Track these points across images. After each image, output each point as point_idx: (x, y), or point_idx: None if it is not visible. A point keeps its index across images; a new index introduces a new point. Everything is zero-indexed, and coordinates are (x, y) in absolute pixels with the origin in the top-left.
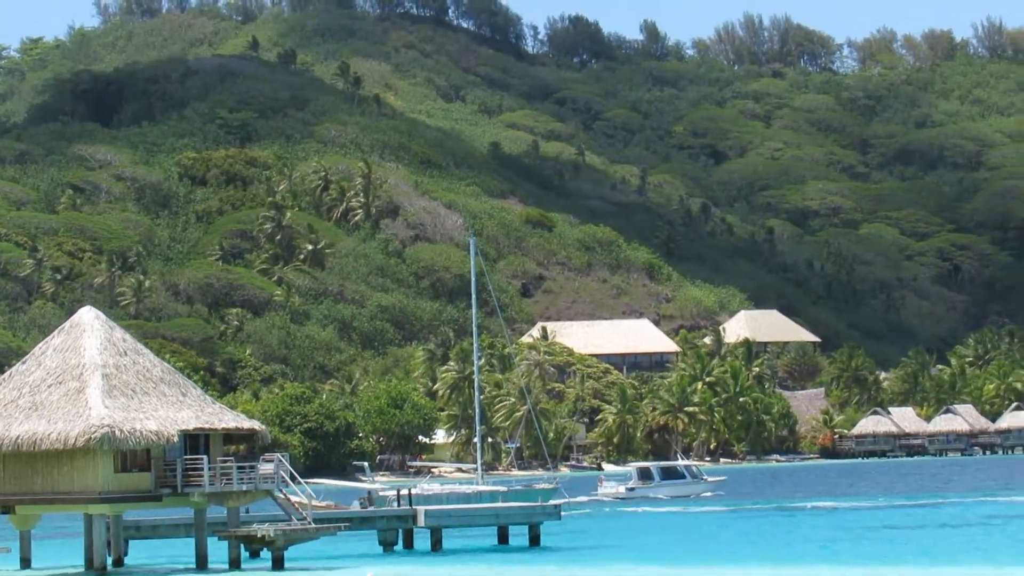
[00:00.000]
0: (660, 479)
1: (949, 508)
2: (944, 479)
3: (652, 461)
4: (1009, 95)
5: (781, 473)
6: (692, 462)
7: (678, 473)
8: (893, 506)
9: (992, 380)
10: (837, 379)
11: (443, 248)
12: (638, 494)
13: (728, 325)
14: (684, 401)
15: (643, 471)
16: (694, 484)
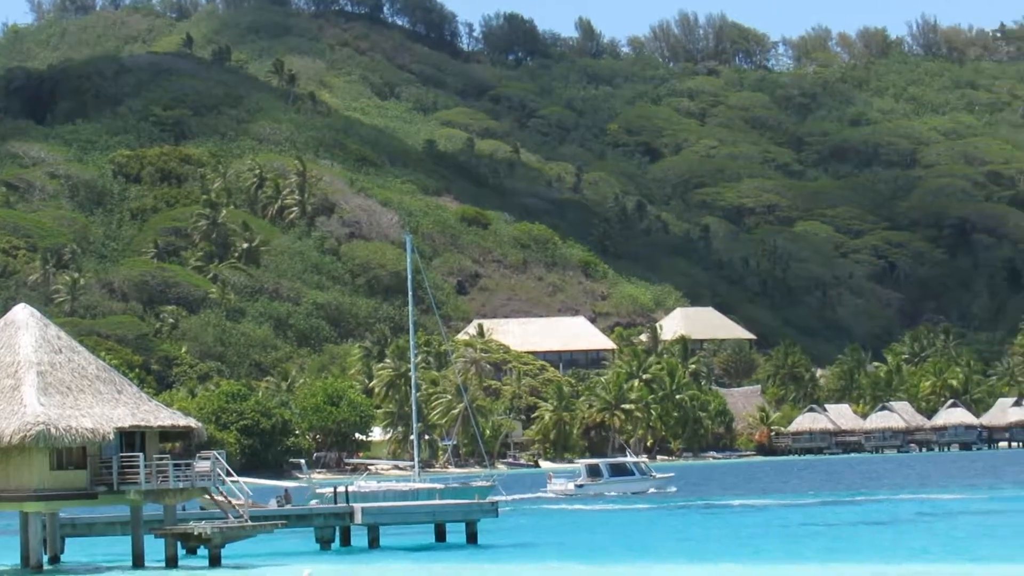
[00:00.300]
0: (609, 476)
1: (878, 505)
2: (877, 476)
3: (601, 458)
4: (943, 93)
5: (720, 470)
6: (641, 459)
7: (627, 470)
8: (830, 503)
9: (928, 377)
10: (773, 376)
11: (379, 246)
12: (587, 491)
13: (664, 322)
14: (620, 398)
15: (592, 468)
16: (643, 481)
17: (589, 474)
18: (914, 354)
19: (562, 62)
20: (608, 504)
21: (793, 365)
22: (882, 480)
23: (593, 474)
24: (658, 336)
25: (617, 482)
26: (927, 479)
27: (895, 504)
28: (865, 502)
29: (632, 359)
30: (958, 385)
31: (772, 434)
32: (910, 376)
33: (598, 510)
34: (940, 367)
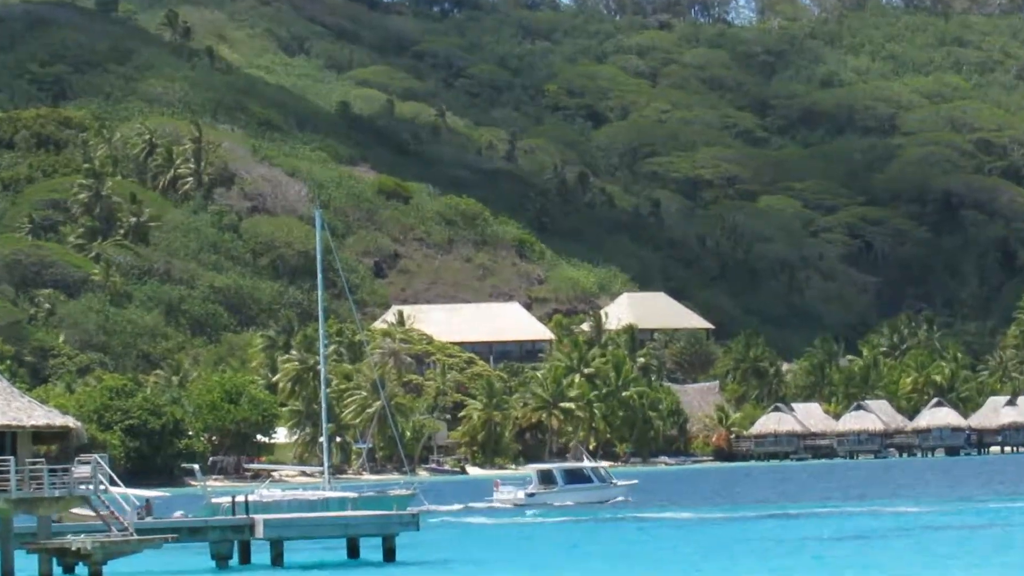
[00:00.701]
0: (564, 483)
1: (855, 519)
2: (848, 484)
3: (551, 462)
4: (927, 51)
5: (673, 478)
6: (601, 463)
7: (584, 476)
8: (794, 515)
9: (909, 372)
10: (733, 371)
11: (285, 221)
12: (538, 500)
13: (609, 309)
14: (559, 396)
15: (545, 474)
16: (603, 489)
17: (541, 481)
18: (893, 346)
19: (494, 14)
20: (561, 516)
21: (756, 358)
22: (851, 489)
23: (546, 481)
24: (602, 325)
25: (574, 491)
26: (901, 489)
27: (857, 517)
28: (846, 514)
29: (573, 351)
30: (944, 382)
31: (732, 437)
32: (889, 371)
33: (550, 523)
34: (923, 361)
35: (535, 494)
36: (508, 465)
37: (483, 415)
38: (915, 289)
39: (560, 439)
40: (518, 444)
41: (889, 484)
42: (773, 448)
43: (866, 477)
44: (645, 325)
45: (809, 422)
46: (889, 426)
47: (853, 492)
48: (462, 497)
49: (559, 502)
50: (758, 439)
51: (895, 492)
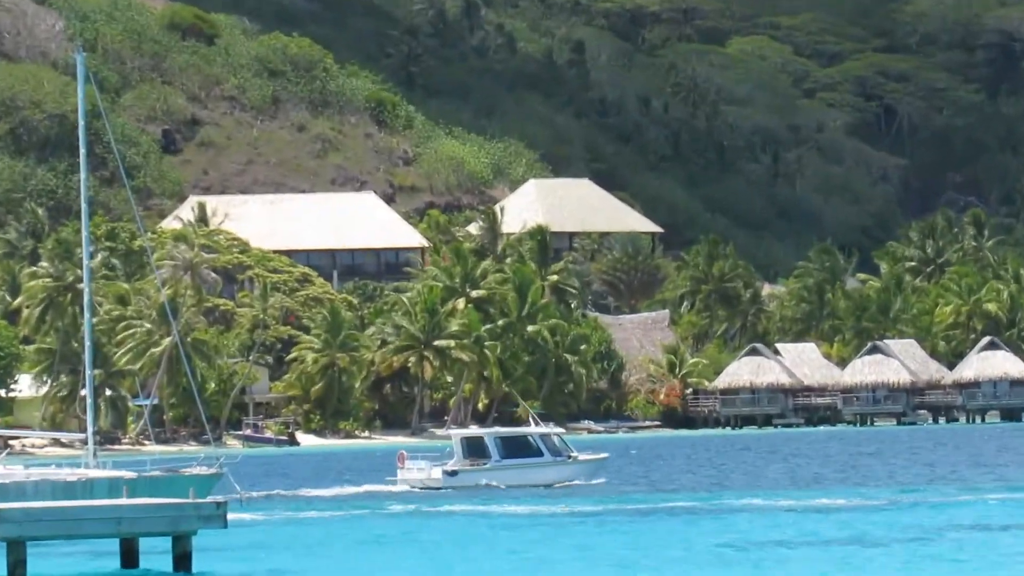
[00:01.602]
0: (500, 456)
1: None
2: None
3: (487, 427)
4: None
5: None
6: (555, 429)
7: (530, 447)
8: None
9: (949, 299)
10: (691, 296)
11: (31, 71)
12: (463, 481)
13: (508, 203)
14: (435, 331)
15: (472, 445)
16: (556, 466)
17: (468, 454)
18: (926, 260)
19: None
20: (493, 503)
21: (724, 277)
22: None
23: (474, 454)
24: (498, 226)
25: (514, 467)
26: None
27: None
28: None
29: (455, 265)
30: (1000, 312)
31: (688, 392)
32: (919, 297)
33: (473, 515)
34: (970, 283)
35: (458, 472)
36: (358, 432)
37: (322, 359)
38: (958, 176)
39: (435, 395)
40: (373, 402)
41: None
42: (749, 410)
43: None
44: (561, 227)
45: (802, 371)
46: (919, 377)
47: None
48: (330, 476)
49: (493, 483)
50: (727, 396)
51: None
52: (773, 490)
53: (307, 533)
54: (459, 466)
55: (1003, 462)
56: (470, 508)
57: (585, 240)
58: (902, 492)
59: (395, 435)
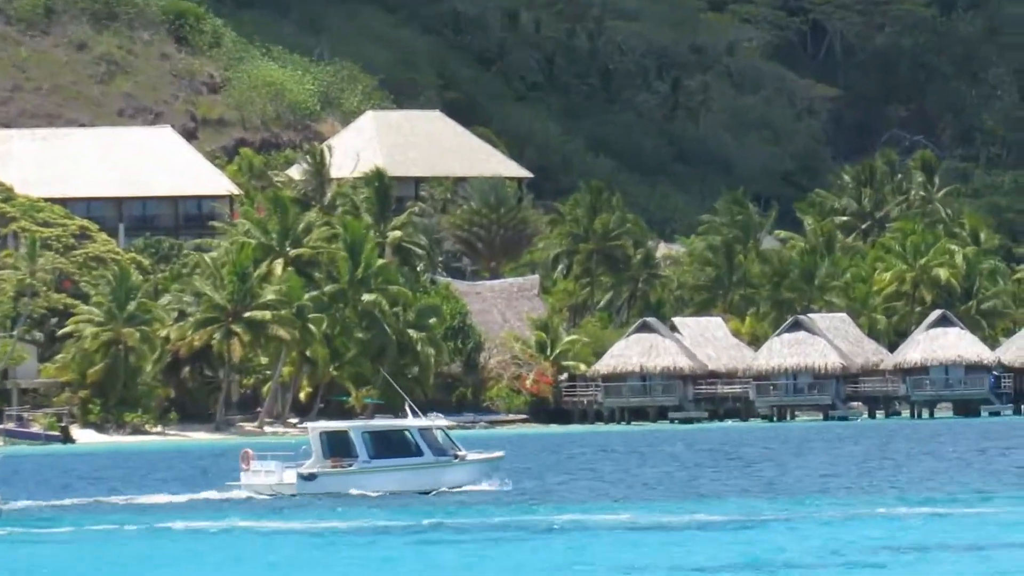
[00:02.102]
0: (369, 455)
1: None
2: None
3: (354, 419)
4: None
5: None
6: (437, 422)
7: (406, 445)
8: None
9: (890, 262)
10: (567, 257)
11: None
12: (322, 486)
13: (340, 141)
14: (246, 300)
15: (333, 439)
16: (439, 467)
17: (330, 452)
18: (862, 214)
19: None
20: (355, 517)
21: (608, 235)
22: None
23: (337, 451)
24: (326, 170)
25: (386, 469)
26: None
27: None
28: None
29: (271, 217)
30: (954, 280)
31: (562, 378)
32: (853, 261)
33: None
34: (917, 242)
35: (316, 475)
36: (149, 426)
37: (105, 334)
38: (903, 110)
39: (246, 380)
40: (168, 389)
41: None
42: (638, 400)
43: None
44: (406, 171)
45: (705, 353)
46: (852, 361)
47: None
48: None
49: (360, 489)
50: (611, 383)
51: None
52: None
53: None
54: (318, 468)
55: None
56: (308, 524)
57: (436, 187)
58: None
59: (195, 430)
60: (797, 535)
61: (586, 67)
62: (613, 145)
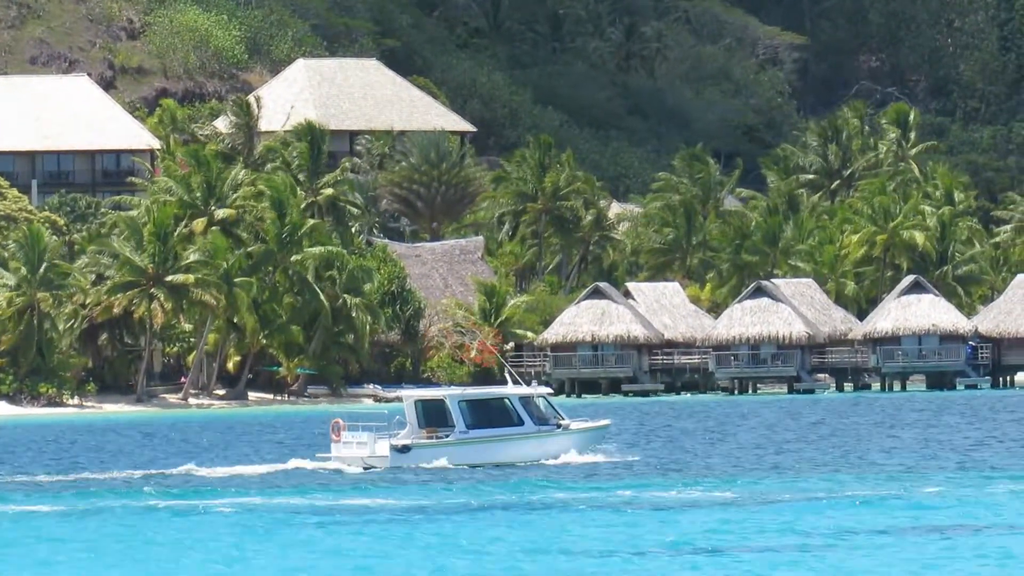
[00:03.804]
0: (467, 425)
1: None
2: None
3: (448, 386)
4: None
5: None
6: (539, 389)
7: (506, 413)
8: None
9: (860, 224)
10: (513, 217)
11: None
12: (417, 459)
13: (269, 92)
14: (168, 262)
15: (429, 409)
16: (540, 437)
17: (425, 422)
18: (829, 172)
19: None
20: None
21: (558, 193)
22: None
23: (432, 421)
24: (254, 122)
25: (485, 440)
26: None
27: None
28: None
29: (195, 174)
30: (929, 244)
31: (508, 348)
32: (820, 222)
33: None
34: (888, 203)
35: (409, 448)
36: (65, 398)
37: (17, 300)
38: (874, 59)
39: (169, 349)
40: (85, 358)
41: None
42: (589, 370)
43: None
44: (340, 124)
45: (662, 321)
46: (818, 330)
47: None
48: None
49: (456, 462)
50: (560, 353)
51: None
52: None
53: None
54: (411, 439)
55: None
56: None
57: (372, 142)
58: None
59: (115, 402)
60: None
61: (533, 12)
62: (562, 97)
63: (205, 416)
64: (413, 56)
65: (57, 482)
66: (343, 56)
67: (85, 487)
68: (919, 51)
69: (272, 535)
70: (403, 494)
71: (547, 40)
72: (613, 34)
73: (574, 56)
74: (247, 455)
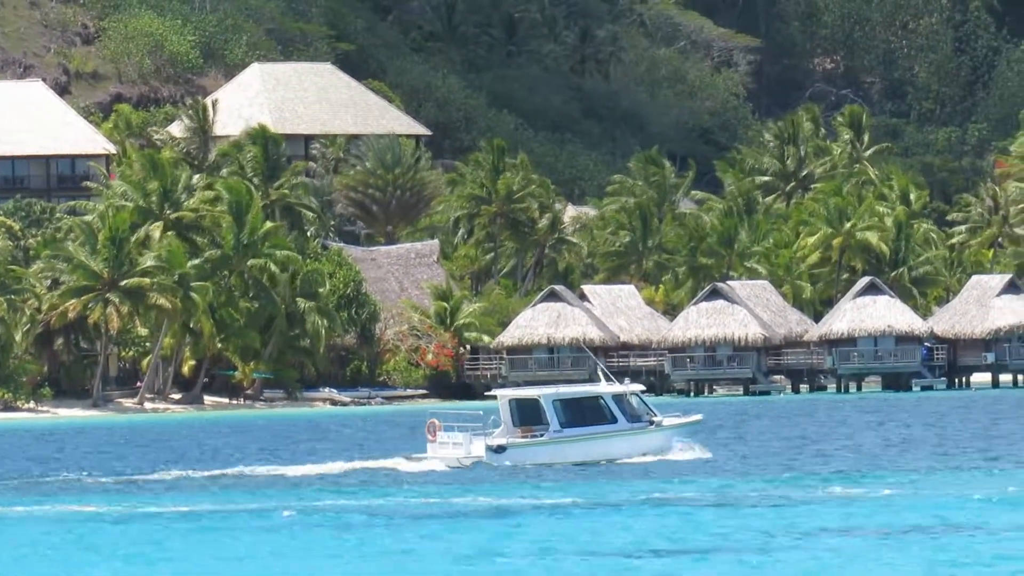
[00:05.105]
0: (561, 423)
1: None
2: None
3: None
4: None
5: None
6: (631, 387)
7: (599, 411)
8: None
9: (816, 226)
10: (468, 221)
11: None
12: (513, 457)
13: (224, 96)
14: (124, 267)
15: (524, 408)
16: (636, 433)
17: (520, 421)
18: (785, 174)
19: None
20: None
21: (513, 196)
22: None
23: (527, 420)
24: (210, 127)
25: (580, 439)
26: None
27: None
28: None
29: (151, 179)
30: (884, 245)
31: (464, 351)
32: (775, 225)
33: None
34: (843, 204)
35: (505, 447)
36: (20, 403)
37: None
38: (829, 61)
39: (125, 353)
40: (41, 362)
41: None
42: (545, 373)
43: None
44: (295, 128)
45: (617, 323)
46: (774, 331)
47: None
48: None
49: (552, 460)
50: (516, 356)
51: None
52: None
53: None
54: (507, 439)
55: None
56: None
57: (327, 146)
58: None
59: (71, 407)
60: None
61: (488, 16)
62: (518, 100)
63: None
64: (368, 60)
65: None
66: (298, 60)
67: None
68: (874, 53)
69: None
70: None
71: (502, 44)
72: (568, 37)
73: (529, 59)
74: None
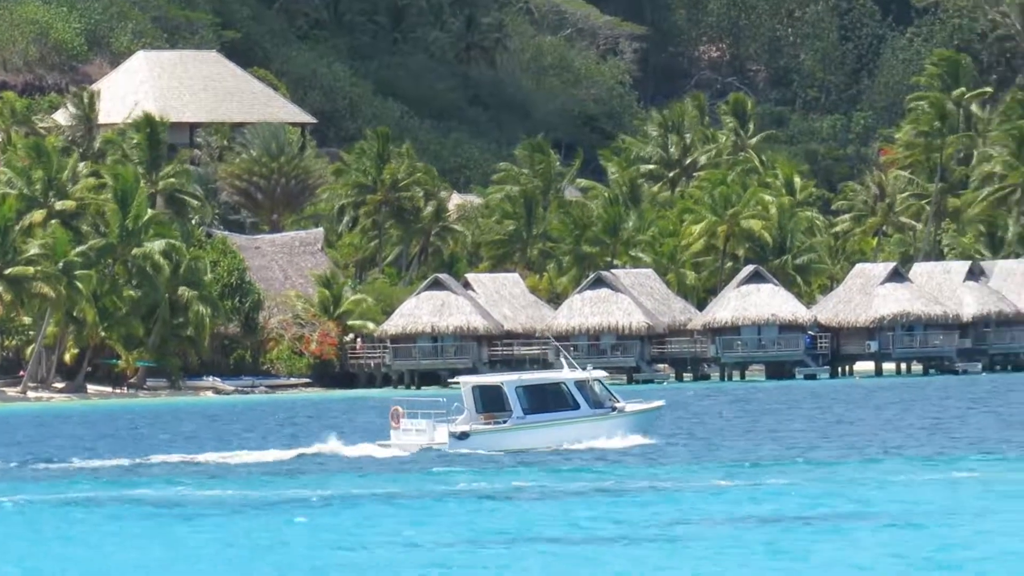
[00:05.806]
0: (524, 410)
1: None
2: None
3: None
4: None
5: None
6: (594, 373)
7: (562, 397)
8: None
9: (700, 214)
10: (353, 209)
11: None
12: (475, 444)
13: (109, 84)
14: (7, 255)
15: (487, 393)
16: (598, 419)
17: (483, 407)
18: (669, 162)
19: None
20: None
21: (398, 185)
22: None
23: (490, 406)
24: (95, 115)
25: (542, 424)
26: None
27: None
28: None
29: (34, 167)
30: (767, 233)
31: (348, 339)
32: (659, 213)
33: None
34: (728, 193)
35: (467, 434)
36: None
37: None
38: (714, 49)
39: (8, 342)
40: None
41: None
42: (429, 362)
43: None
44: (180, 116)
45: (501, 312)
46: (658, 320)
47: None
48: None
49: (515, 446)
50: (400, 345)
51: None
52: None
53: None
54: (468, 425)
55: None
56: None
57: (212, 134)
58: None
59: None
60: None
61: (374, 3)
62: (403, 88)
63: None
64: (254, 48)
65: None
66: (183, 48)
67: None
68: (759, 41)
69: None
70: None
71: (388, 31)
72: (454, 25)
73: (415, 47)
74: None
